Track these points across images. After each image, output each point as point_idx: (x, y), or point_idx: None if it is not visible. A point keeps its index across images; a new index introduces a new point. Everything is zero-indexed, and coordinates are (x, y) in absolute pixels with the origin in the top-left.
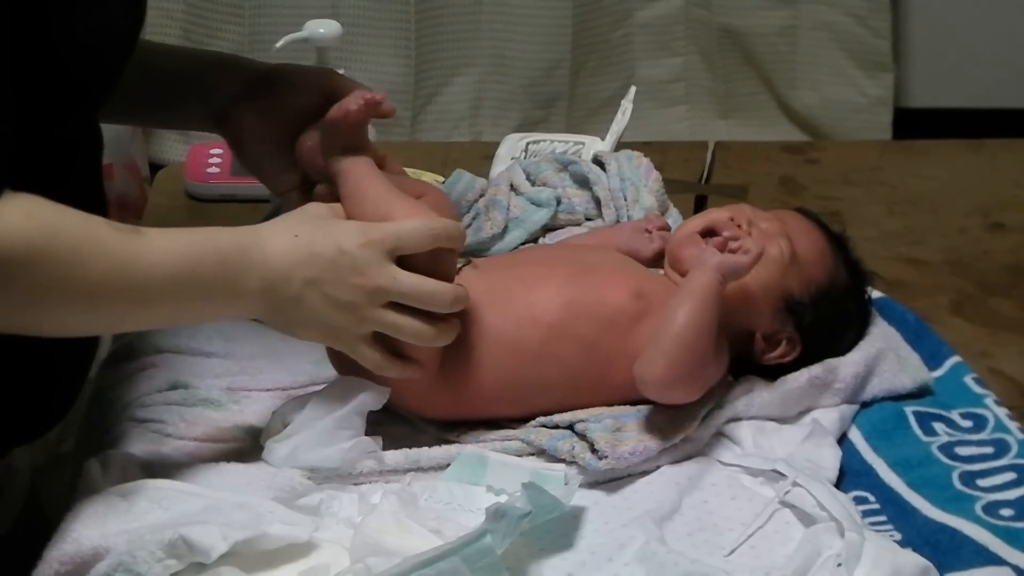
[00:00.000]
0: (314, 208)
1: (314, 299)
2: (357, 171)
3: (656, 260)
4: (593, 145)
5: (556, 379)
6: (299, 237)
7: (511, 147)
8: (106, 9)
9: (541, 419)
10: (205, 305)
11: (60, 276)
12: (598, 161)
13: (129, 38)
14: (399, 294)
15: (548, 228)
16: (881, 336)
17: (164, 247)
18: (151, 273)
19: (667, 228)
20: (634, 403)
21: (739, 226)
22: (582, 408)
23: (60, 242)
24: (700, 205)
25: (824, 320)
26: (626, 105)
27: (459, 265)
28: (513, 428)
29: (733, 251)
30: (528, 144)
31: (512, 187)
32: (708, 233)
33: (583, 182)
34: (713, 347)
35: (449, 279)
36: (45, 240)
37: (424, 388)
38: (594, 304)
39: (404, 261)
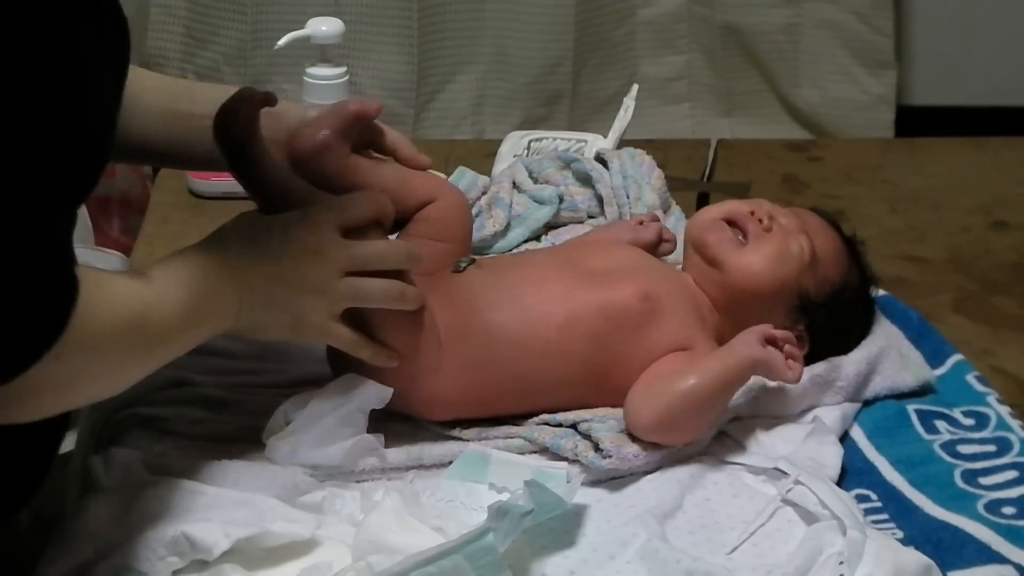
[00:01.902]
0: (248, 213)
1: (278, 291)
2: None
3: (655, 247)
4: (596, 143)
5: (562, 378)
6: (245, 237)
7: (513, 145)
8: (100, 72)
9: (544, 416)
10: (202, 328)
11: (133, 340)
12: (601, 159)
13: (115, 94)
14: (355, 260)
15: (550, 226)
16: (883, 334)
17: (168, 284)
18: (170, 314)
19: (656, 220)
20: None
21: (760, 220)
22: (587, 406)
23: (129, 308)
24: (702, 203)
25: (835, 320)
26: (629, 103)
27: (463, 264)
28: (516, 425)
29: (786, 354)
30: (531, 142)
31: (515, 184)
32: (731, 222)
33: (585, 180)
34: (716, 414)
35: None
36: (122, 307)
37: (429, 388)
38: (602, 304)
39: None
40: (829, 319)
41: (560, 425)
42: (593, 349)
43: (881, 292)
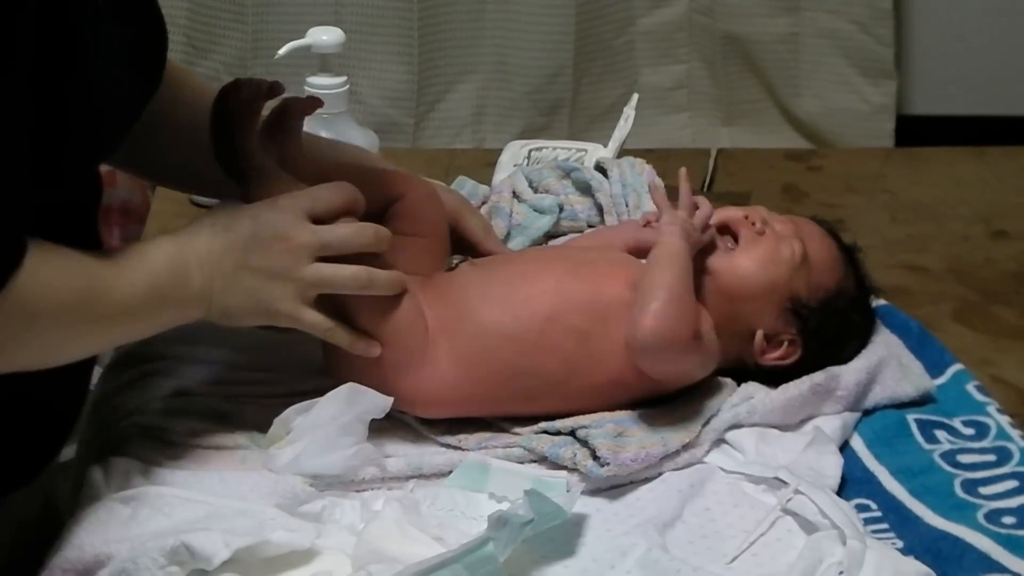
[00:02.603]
0: (225, 203)
1: (247, 278)
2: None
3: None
4: (596, 152)
5: (555, 370)
6: (216, 225)
7: (514, 154)
8: (111, 77)
9: (543, 424)
10: (164, 314)
11: (75, 316)
12: (600, 168)
13: (134, 106)
14: (321, 244)
15: (550, 235)
16: (883, 344)
17: (133, 267)
18: (130, 294)
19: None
20: (635, 406)
21: (753, 223)
22: (583, 408)
23: (75, 284)
24: None
25: (828, 327)
26: (629, 112)
27: (456, 263)
28: (515, 434)
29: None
30: (531, 151)
31: (515, 194)
32: (721, 229)
33: (585, 189)
34: (693, 302)
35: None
36: (65, 285)
37: (426, 385)
38: (591, 295)
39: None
40: (822, 324)
41: (559, 433)
42: (582, 341)
43: (881, 302)
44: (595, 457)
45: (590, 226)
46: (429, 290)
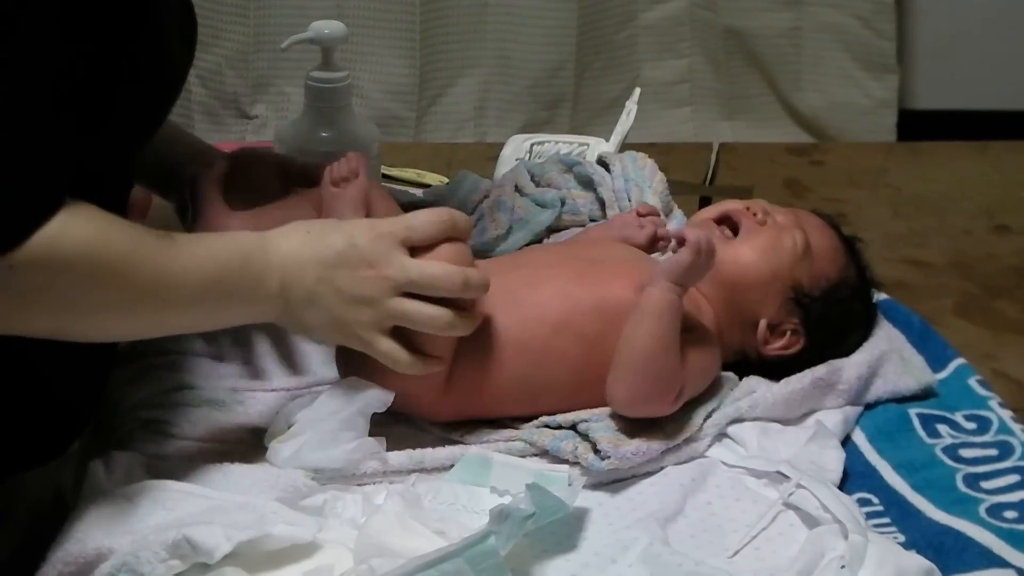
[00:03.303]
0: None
1: (327, 295)
2: None
3: (651, 245)
4: (598, 146)
5: (562, 376)
6: (310, 234)
7: (516, 148)
8: (167, 39)
9: (544, 419)
10: (228, 308)
11: (108, 281)
12: (603, 162)
13: (183, 75)
14: (408, 281)
15: (552, 229)
16: (885, 338)
17: (194, 252)
18: (183, 279)
19: (656, 213)
20: None
21: (754, 214)
22: (586, 406)
23: (113, 248)
24: (704, 206)
25: (831, 317)
26: (631, 106)
27: None
28: (516, 428)
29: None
30: (533, 145)
31: (517, 188)
32: (723, 220)
33: (587, 183)
34: (677, 361)
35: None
36: (103, 245)
37: (432, 392)
38: (598, 300)
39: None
40: (825, 314)
41: (560, 427)
42: (588, 345)
43: (883, 296)
44: (596, 451)
45: (592, 220)
46: None
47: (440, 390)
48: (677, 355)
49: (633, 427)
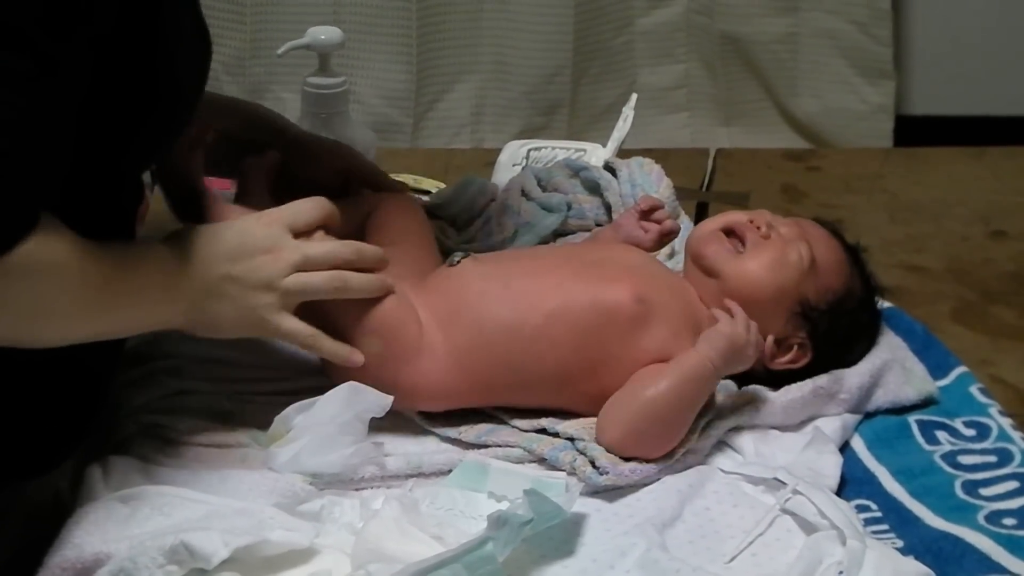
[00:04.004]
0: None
1: (231, 287)
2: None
3: (658, 244)
4: (595, 152)
5: (549, 370)
6: (206, 236)
7: (512, 154)
8: (187, 44)
9: (544, 422)
10: (143, 316)
11: (62, 288)
12: (609, 168)
13: (200, 86)
14: (304, 257)
15: (558, 233)
16: (888, 347)
17: (129, 263)
18: (112, 290)
19: (660, 206)
20: None
21: (758, 227)
22: (579, 408)
23: (61, 264)
24: (701, 212)
25: (837, 329)
26: (627, 112)
27: (458, 259)
28: (514, 428)
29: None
30: (529, 151)
31: (523, 192)
32: (728, 233)
33: (594, 188)
34: (686, 422)
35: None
36: (79, 270)
37: (423, 378)
38: (594, 298)
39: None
40: (831, 327)
41: (557, 435)
42: (580, 343)
43: (886, 304)
44: (595, 466)
45: (598, 225)
46: (424, 288)
47: (424, 372)
48: (689, 421)
49: None
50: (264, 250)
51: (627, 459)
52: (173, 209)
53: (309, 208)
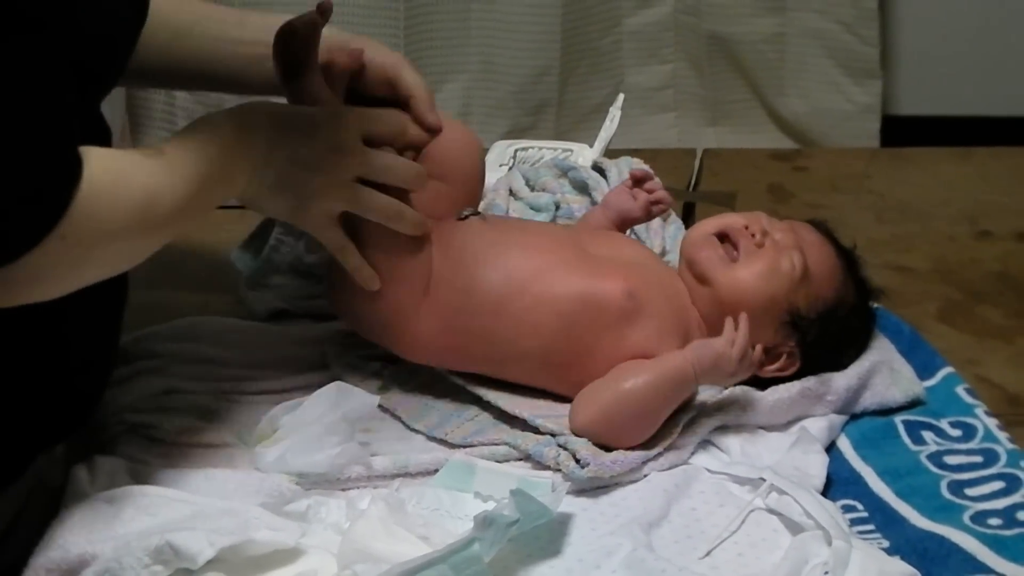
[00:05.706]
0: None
1: (293, 175)
2: None
3: (647, 213)
4: (582, 152)
5: (528, 350)
6: (277, 115)
7: (499, 154)
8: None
9: (527, 415)
10: (212, 201)
11: (138, 213)
12: (598, 168)
13: (134, 24)
14: (365, 164)
15: None
16: (876, 349)
17: (186, 169)
18: (178, 200)
19: (652, 176)
20: None
21: (753, 234)
22: (556, 390)
23: (137, 184)
24: (688, 212)
25: (827, 337)
26: (614, 112)
27: (466, 214)
28: (500, 427)
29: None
30: (516, 151)
31: (511, 192)
32: (722, 238)
33: (582, 188)
34: (658, 418)
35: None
36: (126, 187)
37: (414, 328)
38: (584, 289)
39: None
40: (821, 335)
41: (539, 431)
42: (563, 330)
43: (874, 305)
44: (577, 460)
45: None
46: (436, 236)
47: (417, 325)
48: (661, 419)
49: None
50: (332, 148)
51: (608, 449)
52: (278, 70)
53: (385, 118)
